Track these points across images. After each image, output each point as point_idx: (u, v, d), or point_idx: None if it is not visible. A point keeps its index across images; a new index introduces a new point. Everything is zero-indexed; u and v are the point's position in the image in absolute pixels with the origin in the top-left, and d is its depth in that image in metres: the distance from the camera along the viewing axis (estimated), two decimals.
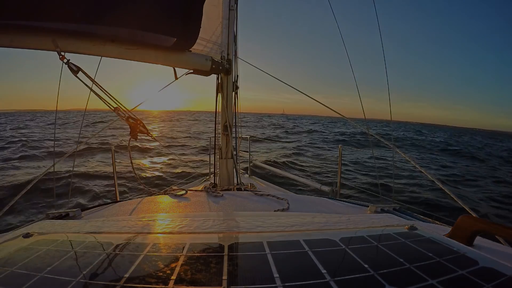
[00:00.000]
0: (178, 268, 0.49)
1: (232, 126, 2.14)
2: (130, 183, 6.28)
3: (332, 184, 2.93)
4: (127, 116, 1.43)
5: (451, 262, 0.51)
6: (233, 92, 2.15)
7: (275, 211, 1.21)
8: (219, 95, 2.08)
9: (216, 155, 2.22)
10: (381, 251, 0.57)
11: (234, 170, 2.13)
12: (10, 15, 1.09)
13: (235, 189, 1.86)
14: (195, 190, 1.63)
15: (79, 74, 1.28)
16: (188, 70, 1.74)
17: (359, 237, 0.66)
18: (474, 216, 0.86)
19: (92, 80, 1.33)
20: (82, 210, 1.29)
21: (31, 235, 0.68)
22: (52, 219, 1.13)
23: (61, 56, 1.23)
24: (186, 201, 1.43)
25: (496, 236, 0.64)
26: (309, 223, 0.76)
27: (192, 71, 1.74)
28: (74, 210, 1.23)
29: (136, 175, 1.96)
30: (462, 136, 43.98)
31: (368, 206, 1.31)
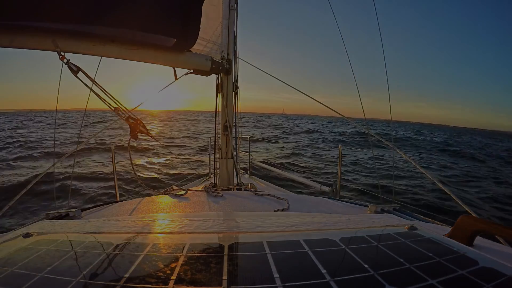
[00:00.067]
0: (178, 268, 0.49)
1: (232, 126, 2.14)
2: (127, 185, 6.21)
3: (332, 184, 2.93)
4: (127, 116, 1.43)
5: (451, 262, 0.51)
6: (233, 92, 2.15)
7: (275, 211, 1.21)
8: (219, 95, 2.08)
9: (216, 155, 2.22)
10: (381, 251, 0.57)
11: (234, 170, 2.13)
12: (10, 15, 1.09)
13: (235, 189, 1.86)
14: (195, 190, 1.63)
15: (79, 74, 1.28)
16: (188, 70, 1.74)
17: (359, 237, 0.66)
18: (474, 216, 0.86)
19: (92, 80, 1.33)
20: (82, 210, 1.29)
21: (31, 235, 0.68)
22: (52, 219, 1.12)
23: (61, 56, 1.23)
24: (186, 201, 1.43)
25: (496, 236, 0.64)
26: (309, 223, 0.76)
27: (192, 71, 1.74)
28: (74, 210, 1.23)
29: (136, 175, 1.96)
30: (461, 136, 43.93)
31: (368, 206, 1.31)
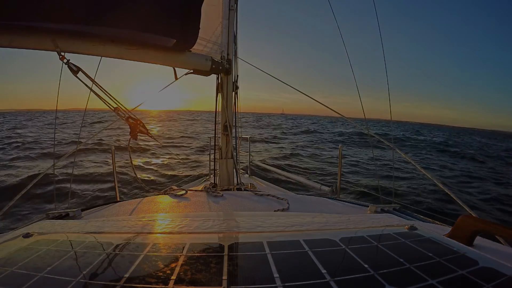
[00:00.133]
0: (178, 268, 0.49)
1: (232, 126, 2.14)
2: (124, 186, 6.09)
3: (332, 184, 2.93)
4: (127, 116, 1.43)
5: (451, 262, 0.51)
6: (233, 92, 2.15)
7: (275, 211, 1.21)
8: (219, 95, 2.08)
9: (216, 155, 2.22)
10: (381, 251, 0.57)
11: (234, 170, 2.13)
12: (10, 15, 1.09)
13: (235, 189, 1.86)
14: (195, 190, 1.63)
15: (79, 74, 1.28)
16: (188, 70, 1.74)
17: (359, 237, 0.66)
18: (474, 216, 0.86)
19: (92, 80, 1.33)
20: (82, 210, 1.29)
21: (31, 235, 0.68)
22: (52, 219, 1.12)
23: (61, 56, 1.23)
24: (186, 201, 1.43)
25: (496, 236, 0.64)
26: (309, 223, 0.76)
27: (192, 71, 1.74)
28: (74, 210, 1.23)
29: (136, 175, 1.96)
30: (461, 136, 43.88)
31: (368, 206, 1.31)
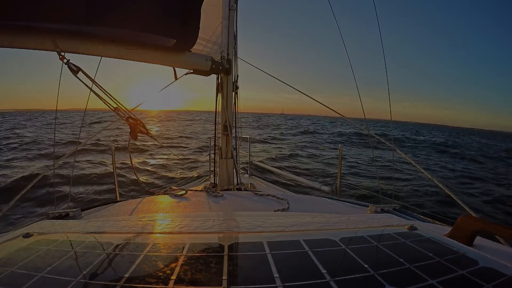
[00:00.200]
0: (178, 268, 0.49)
1: (232, 126, 2.14)
2: (120, 188, 6.04)
3: (332, 184, 2.93)
4: (127, 116, 1.43)
5: (451, 262, 0.51)
6: (233, 92, 2.15)
7: (275, 211, 1.21)
8: (219, 95, 2.08)
9: (216, 155, 2.22)
10: (381, 251, 0.57)
11: (234, 170, 2.13)
12: (10, 16, 1.09)
13: (235, 189, 1.86)
14: (195, 190, 1.63)
15: (79, 74, 1.28)
16: (188, 70, 1.74)
17: (359, 237, 0.66)
18: (474, 216, 0.86)
19: (92, 80, 1.33)
20: (82, 210, 1.29)
21: (31, 235, 0.68)
22: (52, 219, 1.12)
23: (61, 56, 1.23)
24: (186, 201, 1.43)
25: (496, 236, 0.64)
26: (309, 223, 0.76)
27: (192, 71, 1.74)
28: (74, 210, 1.23)
29: (136, 175, 1.96)
30: (461, 136, 43.82)
31: (368, 206, 1.31)
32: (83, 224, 0.79)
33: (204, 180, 3.36)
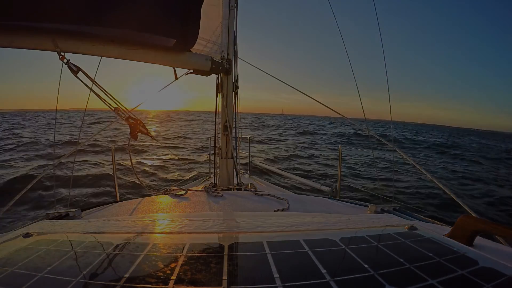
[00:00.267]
0: (178, 268, 0.49)
1: (232, 126, 2.14)
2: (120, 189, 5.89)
3: (332, 184, 2.93)
4: (127, 116, 1.43)
5: (451, 262, 0.51)
6: (233, 92, 2.15)
7: (275, 211, 1.21)
8: (219, 95, 2.08)
9: (216, 155, 2.22)
10: (381, 251, 0.57)
11: (234, 170, 2.13)
12: (10, 16, 1.09)
13: (235, 189, 1.86)
14: (195, 190, 1.63)
15: (79, 74, 1.28)
16: (188, 70, 1.74)
17: (359, 237, 0.66)
18: (474, 216, 0.86)
19: (92, 80, 1.33)
20: (82, 210, 1.29)
21: (31, 235, 0.68)
22: (52, 219, 1.12)
23: (61, 56, 1.23)
24: (186, 201, 1.43)
25: (496, 236, 0.64)
26: (309, 223, 0.76)
27: (192, 71, 1.74)
28: (74, 210, 1.23)
29: (136, 175, 1.96)
30: (461, 137, 43.74)
31: (368, 206, 1.31)
32: (83, 224, 0.79)
33: (204, 180, 3.36)
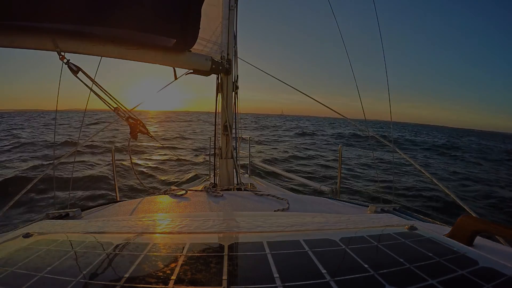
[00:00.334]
0: (178, 268, 0.49)
1: (232, 126, 2.14)
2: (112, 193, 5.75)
3: (332, 184, 2.93)
4: (127, 116, 1.43)
5: (451, 262, 0.51)
6: (233, 92, 2.16)
7: (275, 211, 1.21)
8: (219, 95, 2.08)
9: (216, 155, 2.22)
10: (381, 251, 0.57)
11: (234, 170, 2.13)
12: (10, 16, 1.09)
13: (235, 189, 1.86)
14: (195, 190, 1.63)
15: (79, 74, 1.28)
16: (188, 70, 1.74)
17: (359, 237, 0.66)
18: (474, 216, 0.86)
19: (92, 80, 1.33)
20: (82, 210, 1.28)
21: (31, 235, 0.68)
22: (52, 219, 1.12)
23: (61, 56, 1.23)
24: (186, 201, 1.43)
25: (496, 236, 0.64)
26: (309, 223, 0.76)
27: (192, 71, 1.75)
28: (74, 210, 1.23)
29: (136, 175, 1.96)
30: (460, 138, 43.67)
31: (368, 206, 1.31)
32: (83, 224, 0.79)
33: (204, 180, 3.36)
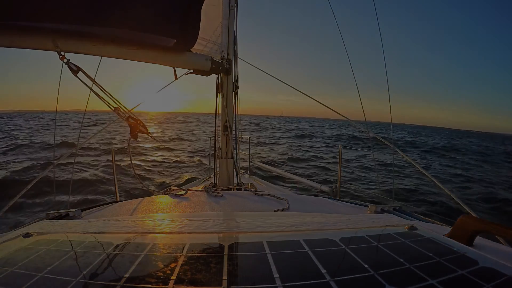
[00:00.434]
0: (178, 268, 0.49)
1: (232, 126, 2.14)
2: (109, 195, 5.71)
3: (332, 184, 2.93)
4: (127, 116, 1.43)
5: (451, 262, 0.51)
6: (233, 92, 2.15)
7: (275, 211, 1.21)
8: (219, 95, 2.08)
9: (216, 155, 2.22)
10: (381, 251, 0.57)
11: (234, 170, 2.13)
12: (10, 16, 1.10)
13: (235, 189, 1.86)
14: (195, 190, 1.63)
15: (79, 74, 1.28)
16: (188, 70, 1.74)
17: (359, 237, 0.66)
18: (474, 216, 0.86)
19: (92, 80, 1.33)
20: (82, 210, 1.28)
21: (31, 235, 0.68)
22: (52, 219, 1.12)
23: (61, 56, 1.23)
24: (186, 201, 1.43)
25: (496, 236, 0.64)
26: (309, 223, 0.76)
27: (192, 71, 1.74)
28: (74, 210, 1.23)
29: (136, 175, 1.96)
30: (460, 139, 43.60)
31: (368, 206, 1.31)
32: (83, 224, 0.79)
33: (204, 180, 3.36)
